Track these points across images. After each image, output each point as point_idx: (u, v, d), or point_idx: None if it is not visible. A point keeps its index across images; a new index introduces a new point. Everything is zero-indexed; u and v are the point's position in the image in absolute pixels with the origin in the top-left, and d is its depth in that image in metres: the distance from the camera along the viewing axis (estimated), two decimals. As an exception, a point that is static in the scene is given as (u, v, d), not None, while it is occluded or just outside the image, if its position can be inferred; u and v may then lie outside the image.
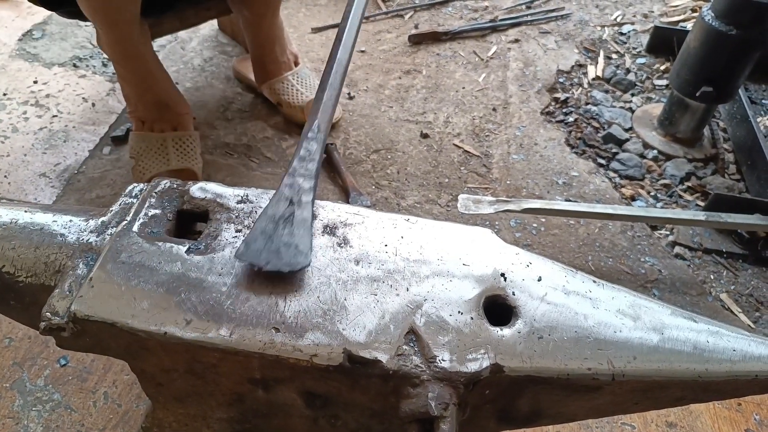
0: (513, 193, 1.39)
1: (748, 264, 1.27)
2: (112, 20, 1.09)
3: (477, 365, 0.56)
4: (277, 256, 0.60)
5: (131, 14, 1.10)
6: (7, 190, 1.30)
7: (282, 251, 0.60)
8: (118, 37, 1.14)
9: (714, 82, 1.39)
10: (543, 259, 0.67)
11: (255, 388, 0.62)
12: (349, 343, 0.57)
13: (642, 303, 0.64)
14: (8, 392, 0.93)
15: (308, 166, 0.69)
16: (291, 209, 0.64)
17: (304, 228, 0.63)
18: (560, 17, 2.03)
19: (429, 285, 0.62)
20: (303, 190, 0.67)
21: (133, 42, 1.17)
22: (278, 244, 0.61)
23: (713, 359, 0.60)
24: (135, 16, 1.11)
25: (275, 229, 0.62)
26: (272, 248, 0.60)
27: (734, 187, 1.43)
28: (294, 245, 0.61)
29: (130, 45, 1.17)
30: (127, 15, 1.09)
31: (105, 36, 1.16)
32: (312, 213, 0.65)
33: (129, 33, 1.14)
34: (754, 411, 0.99)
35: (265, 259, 0.59)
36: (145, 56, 1.24)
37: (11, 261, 0.65)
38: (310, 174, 0.68)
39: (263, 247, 0.60)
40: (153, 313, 0.57)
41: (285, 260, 0.59)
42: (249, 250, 0.60)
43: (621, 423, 0.96)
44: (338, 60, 0.82)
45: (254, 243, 0.61)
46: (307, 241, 0.62)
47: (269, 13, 1.41)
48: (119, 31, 1.12)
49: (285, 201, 0.65)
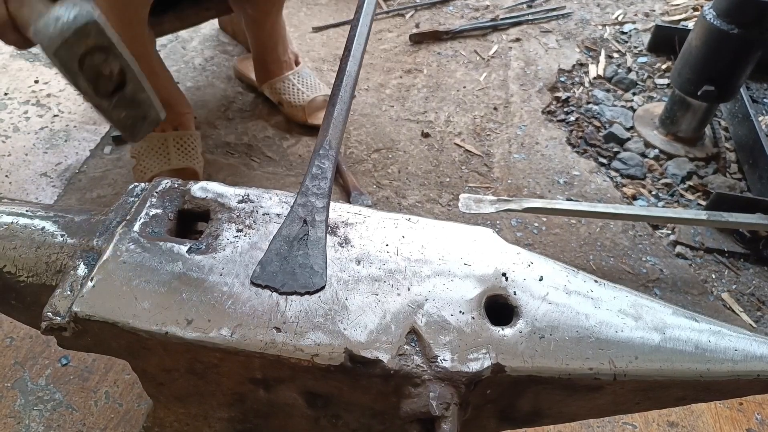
0: (514, 192, 1.39)
1: (750, 263, 1.27)
2: (128, 19, 1.09)
3: (478, 365, 0.56)
4: (292, 278, 0.60)
5: (142, 15, 1.11)
6: (9, 190, 1.31)
7: (297, 272, 0.61)
8: (130, 37, 1.14)
9: (715, 81, 1.38)
10: (544, 259, 0.67)
11: (256, 388, 0.62)
12: (351, 342, 0.56)
13: (643, 303, 0.64)
14: (10, 391, 0.94)
15: (321, 184, 0.69)
16: (305, 229, 0.65)
17: (319, 248, 0.63)
18: (561, 16, 2.03)
19: (430, 285, 0.62)
20: (316, 209, 0.67)
21: (141, 42, 1.18)
22: (293, 266, 0.61)
23: (715, 359, 0.60)
24: (145, 17, 1.12)
25: (290, 250, 0.63)
26: (288, 269, 0.61)
27: (736, 186, 1.43)
28: (309, 266, 0.61)
29: (139, 45, 1.17)
30: (141, 15, 1.10)
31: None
32: (326, 232, 0.66)
33: (141, 32, 1.14)
34: (756, 411, 0.99)
35: (281, 282, 0.60)
36: (150, 56, 1.24)
37: (12, 261, 0.65)
38: (323, 193, 0.68)
39: (279, 269, 0.61)
40: (154, 312, 0.57)
41: (300, 282, 0.60)
42: (265, 272, 0.61)
43: (622, 423, 0.95)
44: (347, 73, 0.82)
45: (269, 265, 0.61)
46: (321, 261, 0.62)
47: (274, 11, 1.41)
48: (132, 30, 1.13)
49: (299, 221, 0.65)
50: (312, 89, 1.50)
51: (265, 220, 0.67)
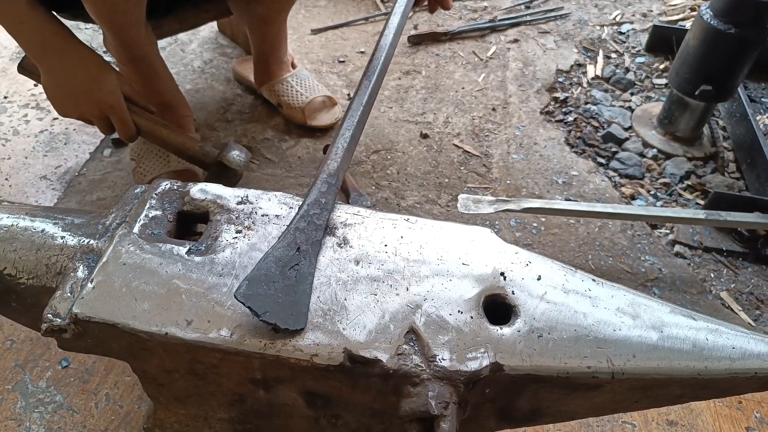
0: (513, 192, 1.39)
1: (748, 262, 1.27)
2: (119, 23, 1.09)
3: (477, 364, 0.56)
4: (275, 307, 0.57)
5: (137, 17, 1.10)
6: (9, 193, 1.31)
7: (281, 303, 0.58)
8: (125, 40, 1.14)
9: (713, 80, 1.39)
10: (542, 258, 0.67)
11: (256, 389, 0.62)
12: (350, 342, 0.57)
13: (641, 301, 0.64)
14: (10, 394, 0.94)
15: (322, 215, 0.67)
16: (297, 258, 0.62)
17: (306, 285, 0.60)
18: (559, 17, 2.03)
19: (429, 284, 0.63)
20: (311, 240, 0.64)
21: (140, 44, 1.18)
22: (278, 295, 0.58)
23: (712, 357, 0.60)
24: (141, 18, 1.12)
25: (279, 275, 0.59)
26: (272, 296, 0.58)
27: (734, 185, 1.43)
28: (294, 303, 0.58)
29: (137, 47, 1.17)
30: (132, 18, 1.10)
31: (112, 39, 1.16)
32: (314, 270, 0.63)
33: (136, 36, 1.14)
34: (755, 409, 0.99)
35: (263, 308, 0.56)
36: (152, 58, 1.24)
37: (13, 263, 0.66)
38: (320, 226, 0.66)
39: (264, 293, 0.57)
40: (154, 313, 0.58)
41: (282, 316, 0.56)
42: (249, 291, 0.57)
43: (622, 422, 0.96)
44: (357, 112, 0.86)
45: (256, 285, 0.58)
46: (306, 301, 0.59)
47: (281, 17, 1.42)
48: (126, 34, 1.13)
49: (293, 246, 0.62)
50: (311, 91, 1.50)
51: (264, 221, 0.68)
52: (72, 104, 1.08)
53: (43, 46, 1.02)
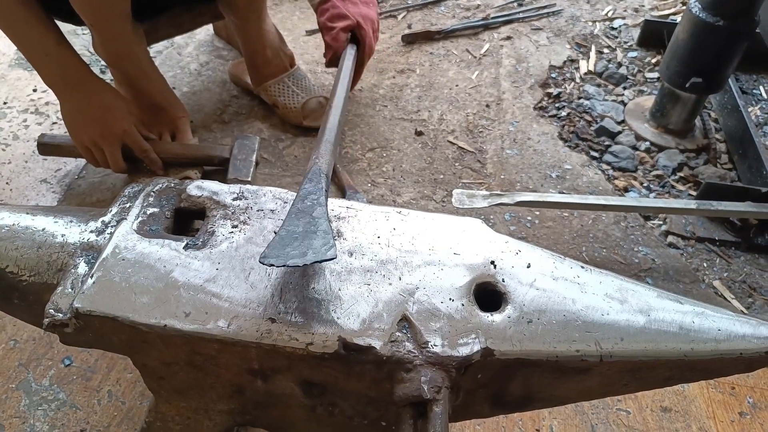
0: (507, 187, 1.41)
1: (741, 251, 1.28)
2: (103, 16, 1.11)
3: (468, 349, 0.58)
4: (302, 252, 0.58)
5: (122, 10, 1.12)
6: (9, 196, 1.32)
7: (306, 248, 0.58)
8: (110, 35, 1.16)
9: (703, 73, 1.40)
10: (532, 247, 0.69)
11: (254, 379, 0.63)
12: (344, 331, 0.58)
13: (629, 286, 0.66)
14: (14, 392, 0.95)
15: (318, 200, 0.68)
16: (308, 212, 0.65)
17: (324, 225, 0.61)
18: (551, 13, 2.05)
19: (421, 274, 0.64)
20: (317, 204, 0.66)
21: (126, 42, 1.19)
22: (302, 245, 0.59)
23: (699, 339, 0.62)
24: (126, 12, 1.13)
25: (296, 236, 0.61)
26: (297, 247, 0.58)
27: (726, 176, 1.45)
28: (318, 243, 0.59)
29: (123, 44, 1.19)
30: (117, 11, 1.11)
31: (98, 35, 1.18)
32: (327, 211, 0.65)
33: (121, 31, 1.16)
34: (748, 394, 1.01)
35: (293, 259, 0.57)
36: (139, 58, 1.25)
37: (14, 261, 0.67)
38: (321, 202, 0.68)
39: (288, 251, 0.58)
40: (153, 307, 0.59)
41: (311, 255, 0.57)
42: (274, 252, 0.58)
43: (617, 409, 0.97)
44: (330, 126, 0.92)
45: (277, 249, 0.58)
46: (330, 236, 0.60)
47: (254, 17, 1.42)
48: (111, 29, 1.15)
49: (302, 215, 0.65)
50: (307, 91, 1.52)
51: (260, 216, 0.69)
52: (87, 129, 1.19)
53: (64, 78, 1.13)
